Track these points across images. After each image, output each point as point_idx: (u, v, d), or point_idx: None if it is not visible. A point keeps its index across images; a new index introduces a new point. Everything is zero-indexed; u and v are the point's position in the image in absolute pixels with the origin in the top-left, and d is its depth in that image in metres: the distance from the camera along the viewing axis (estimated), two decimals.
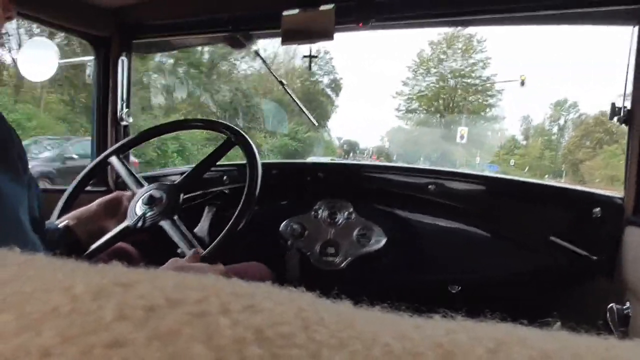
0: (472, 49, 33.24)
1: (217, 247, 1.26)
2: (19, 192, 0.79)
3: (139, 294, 0.18)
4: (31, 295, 0.18)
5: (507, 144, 37.63)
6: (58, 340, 0.15)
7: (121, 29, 1.88)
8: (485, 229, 1.61)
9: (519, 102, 49.42)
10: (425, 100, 34.67)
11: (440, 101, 34.11)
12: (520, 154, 36.79)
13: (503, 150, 36.97)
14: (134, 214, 1.36)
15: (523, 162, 35.27)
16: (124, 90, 1.93)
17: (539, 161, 35.57)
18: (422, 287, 1.71)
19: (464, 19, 1.56)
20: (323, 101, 31.03)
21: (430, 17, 1.57)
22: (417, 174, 1.70)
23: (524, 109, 56.01)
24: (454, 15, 1.54)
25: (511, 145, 37.51)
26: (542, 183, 1.74)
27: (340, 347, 0.16)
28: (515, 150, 37.16)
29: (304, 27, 1.56)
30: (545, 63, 48.97)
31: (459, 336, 0.18)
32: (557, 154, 35.94)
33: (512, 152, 36.80)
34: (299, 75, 27.23)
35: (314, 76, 29.99)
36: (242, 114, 19.86)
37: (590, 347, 0.19)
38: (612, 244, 1.35)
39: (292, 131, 21.45)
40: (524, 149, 37.55)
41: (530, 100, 54.21)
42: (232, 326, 0.17)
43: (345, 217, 1.72)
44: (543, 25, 1.59)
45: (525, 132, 38.52)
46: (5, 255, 0.22)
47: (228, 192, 1.79)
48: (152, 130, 1.64)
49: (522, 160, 35.77)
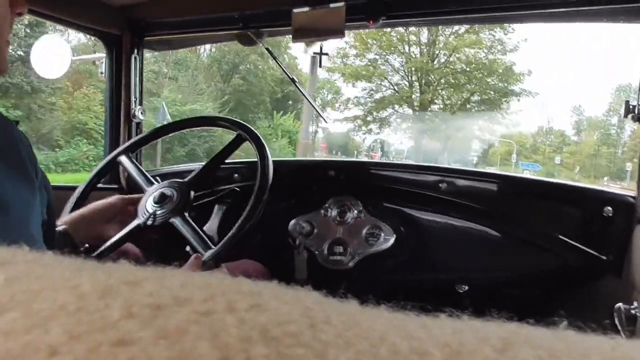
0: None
1: (227, 245, 1.26)
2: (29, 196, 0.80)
3: (145, 293, 0.18)
4: (39, 293, 0.18)
5: (553, 140, 32.23)
6: (65, 338, 0.15)
7: (132, 27, 1.89)
8: (494, 227, 1.60)
9: (566, 89, 43.40)
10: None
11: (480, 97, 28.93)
12: (570, 152, 31.19)
13: (549, 146, 31.79)
14: (145, 212, 1.37)
15: (573, 161, 30.04)
16: (137, 88, 1.95)
17: (592, 159, 30.19)
18: (429, 287, 1.70)
19: (475, 16, 1.56)
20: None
21: (441, 14, 1.57)
22: (427, 172, 1.69)
23: (572, 98, 47.91)
24: (465, 13, 1.53)
25: (558, 142, 32.12)
26: (553, 181, 1.73)
27: (347, 347, 0.16)
28: (563, 147, 31.69)
29: (315, 25, 1.56)
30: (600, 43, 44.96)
31: (466, 336, 0.18)
32: (618, 151, 30.16)
33: (560, 149, 31.36)
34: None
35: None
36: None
37: (597, 346, 0.18)
38: (622, 243, 1.34)
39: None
40: (574, 145, 31.79)
41: (581, 87, 47.14)
42: (238, 325, 0.17)
43: (354, 216, 1.72)
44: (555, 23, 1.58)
45: (576, 126, 32.19)
46: (13, 253, 0.22)
47: (239, 190, 1.79)
48: (162, 129, 1.65)
49: (572, 158, 30.44)
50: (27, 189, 0.79)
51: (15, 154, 0.81)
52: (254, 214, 1.29)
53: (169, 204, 1.36)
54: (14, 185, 0.75)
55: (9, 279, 0.19)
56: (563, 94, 44.37)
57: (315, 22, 1.55)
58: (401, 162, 3.71)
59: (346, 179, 1.80)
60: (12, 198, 0.73)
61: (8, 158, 0.78)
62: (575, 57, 42.65)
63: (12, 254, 0.22)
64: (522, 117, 34.11)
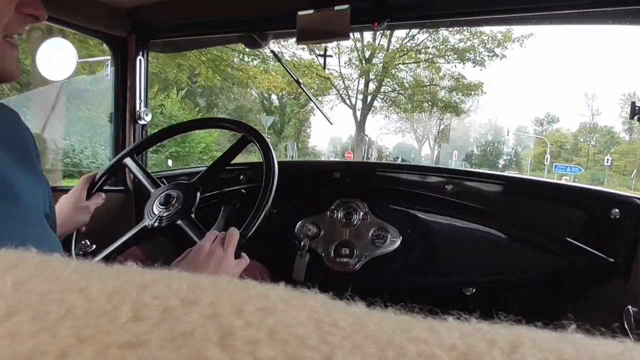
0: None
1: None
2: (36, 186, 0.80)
3: (153, 295, 0.18)
4: (47, 296, 0.18)
5: (598, 138, 28.46)
6: (73, 340, 0.15)
7: (138, 30, 1.90)
8: (501, 229, 1.60)
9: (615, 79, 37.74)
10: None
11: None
12: (621, 152, 27.21)
13: (593, 146, 28.06)
14: (151, 214, 1.37)
15: (624, 163, 26.32)
16: (142, 90, 1.95)
17: None
18: (436, 289, 1.70)
19: (479, 18, 1.55)
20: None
21: (445, 16, 1.56)
22: (433, 174, 1.69)
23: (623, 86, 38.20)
24: (469, 15, 1.53)
25: (606, 141, 28.46)
26: (560, 183, 1.72)
27: (354, 350, 0.16)
28: (611, 146, 27.70)
29: (320, 27, 1.56)
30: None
31: (474, 339, 0.18)
32: None
33: (608, 150, 27.56)
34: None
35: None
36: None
37: (605, 349, 0.18)
38: (629, 245, 1.34)
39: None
40: (626, 145, 27.66)
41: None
42: (246, 327, 0.17)
43: (360, 218, 1.71)
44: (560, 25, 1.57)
45: (628, 122, 24.63)
46: (21, 256, 0.22)
47: (244, 192, 1.79)
48: (166, 130, 1.66)
49: (623, 160, 26.66)
50: (33, 179, 0.80)
51: (23, 145, 0.82)
52: (260, 216, 1.29)
53: (175, 206, 1.36)
54: (23, 175, 0.76)
55: (17, 281, 0.19)
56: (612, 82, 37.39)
57: (320, 24, 1.55)
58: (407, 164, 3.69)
59: (352, 180, 1.79)
60: (22, 187, 0.74)
61: (17, 149, 0.79)
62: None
63: (20, 256, 0.22)
64: (562, 112, 30.28)
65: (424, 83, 26.71)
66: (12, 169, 0.74)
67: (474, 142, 40.85)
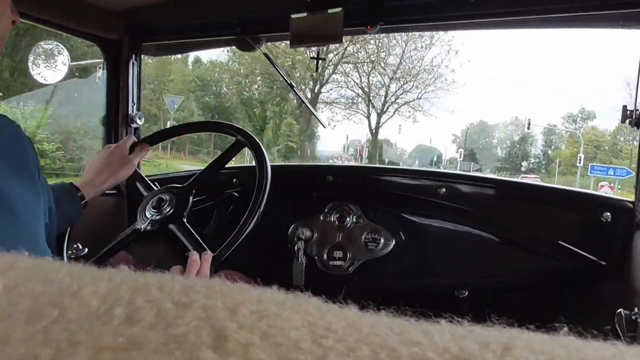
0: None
1: (225, 250, 1.26)
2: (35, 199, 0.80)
3: (146, 298, 0.18)
4: (39, 299, 0.18)
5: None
6: (66, 344, 0.15)
7: (131, 32, 1.89)
8: (493, 232, 1.60)
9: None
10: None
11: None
12: None
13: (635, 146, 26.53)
14: (143, 217, 1.36)
15: None
16: (134, 93, 1.95)
17: None
18: (429, 292, 1.70)
19: (473, 21, 1.56)
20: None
21: (438, 20, 1.57)
22: (426, 177, 1.69)
23: None
24: (463, 18, 1.53)
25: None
26: (552, 186, 1.73)
27: (347, 353, 0.16)
28: None
29: (313, 30, 1.56)
30: None
31: (467, 341, 0.18)
32: None
33: None
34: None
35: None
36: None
37: (597, 352, 0.18)
38: (621, 248, 1.34)
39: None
40: None
41: None
42: (239, 330, 0.17)
43: (353, 221, 1.71)
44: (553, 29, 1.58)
45: None
46: (13, 259, 0.22)
47: (237, 195, 1.79)
48: (158, 134, 1.65)
49: None
50: (33, 192, 0.80)
51: (23, 157, 0.82)
52: (253, 220, 1.29)
53: (166, 210, 1.36)
54: (21, 189, 0.76)
55: (9, 285, 0.19)
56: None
57: (313, 27, 1.55)
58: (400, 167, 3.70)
59: (345, 184, 1.79)
60: (19, 201, 0.74)
61: (16, 161, 0.79)
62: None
63: (12, 260, 0.22)
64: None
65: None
66: (9, 183, 0.74)
67: (497, 143, 40.61)
